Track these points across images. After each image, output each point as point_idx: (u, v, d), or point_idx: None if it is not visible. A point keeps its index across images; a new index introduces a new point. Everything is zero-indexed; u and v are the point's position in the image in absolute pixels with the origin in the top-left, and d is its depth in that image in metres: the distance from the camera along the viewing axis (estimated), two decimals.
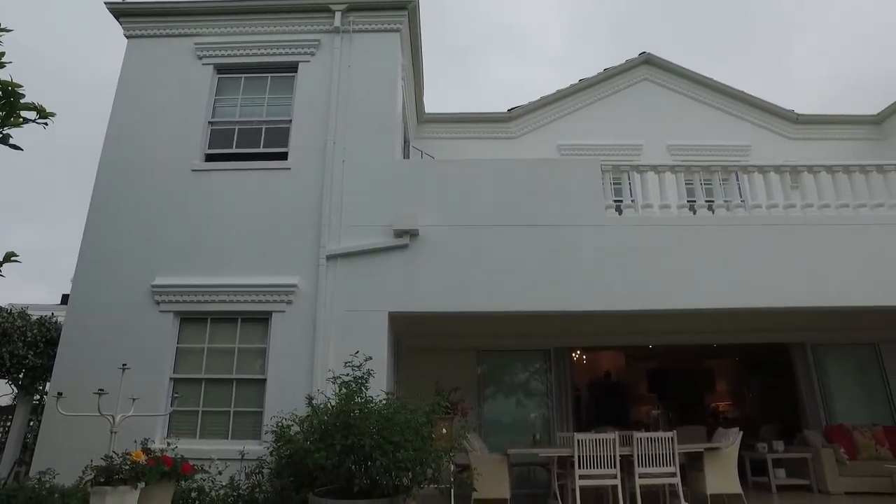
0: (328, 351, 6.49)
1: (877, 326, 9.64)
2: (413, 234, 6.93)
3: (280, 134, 7.68)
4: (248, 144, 7.66)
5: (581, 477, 6.95)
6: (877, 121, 11.64)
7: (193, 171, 7.34)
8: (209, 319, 6.85)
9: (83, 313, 6.76)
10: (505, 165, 7.64)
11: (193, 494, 5.01)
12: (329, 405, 4.54)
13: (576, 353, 13.28)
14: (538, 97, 11.26)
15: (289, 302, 6.78)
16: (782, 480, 8.66)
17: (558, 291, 6.88)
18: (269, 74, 7.97)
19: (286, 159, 7.46)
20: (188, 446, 5.99)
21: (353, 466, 4.26)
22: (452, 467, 6.45)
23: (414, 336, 9.24)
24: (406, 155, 9.84)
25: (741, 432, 7.73)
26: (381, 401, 4.60)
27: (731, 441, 7.51)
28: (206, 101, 7.72)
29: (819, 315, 8.32)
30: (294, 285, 6.80)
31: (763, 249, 7.20)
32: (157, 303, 6.76)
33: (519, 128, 11.18)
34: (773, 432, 10.13)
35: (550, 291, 6.87)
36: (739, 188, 9.33)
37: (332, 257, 6.93)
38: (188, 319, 6.85)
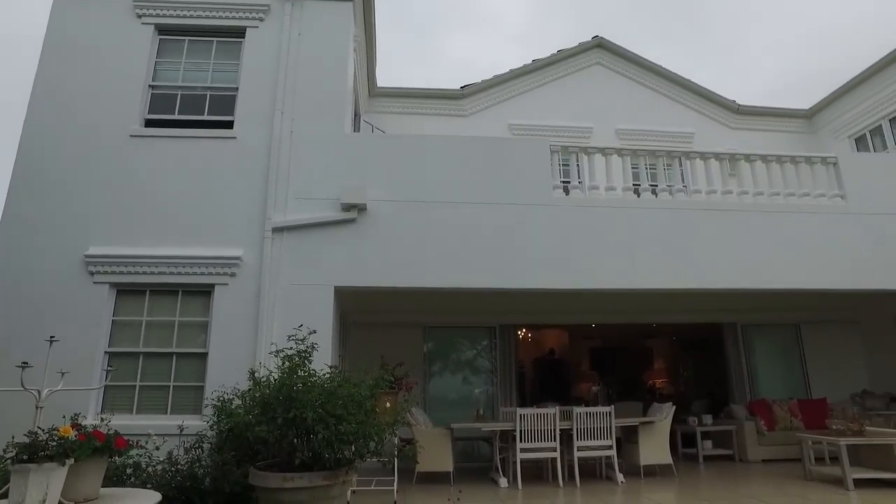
0: (272, 325, 6.39)
1: (799, 308, 10.28)
2: (361, 208, 6.86)
3: (226, 102, 7.40)
4: (191, 111, 7.34)
5: (522, 450, 7.17)
6: (808, 115, 12.25)
7: (132, 136, 6.99)
8: (148, 291, 6.61)
9: (8, 284, 6.40)
10: (456, 142, 7.64)
11: (129, 471, 4.87)
12: (271, 379, 4.48)
13: (521, 331, 13.58)
14: (491, 76, 11.26)
15: (232, 274, 6.62)
16: (709, 451, 9.19)
17: (505, 269, 6.98)
18: (215, 39, 7.63)
19: (232, 128, 7.20)
20: (124, 422, 5.79)
21: (296, 440, 4.24)
22: (397, 441, 6.52)
23: (360, 311, 9.22)
24: (356, 128, 9.69)
25: (674, 407, 8.14)
26: (324, 374, 4.59)
27: (664, 415, 7.89)
28: (147, 64, 7.33)
29: (749, 297, 8.78)
30: (238, 257, 6.63)
31: (702, 234, 7.50)
32: (91, 273, 6.46)
33: (471, 105, 11.17)
34: (704, 407, 10.72)
35: (498, 269, 6.97)
36: (682, 174, 9.65)
37: (277, 230, 6.78)
38: (125, 291, 6.59)
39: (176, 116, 7.26)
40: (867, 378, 10.48)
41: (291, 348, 4.73)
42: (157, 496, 3.81)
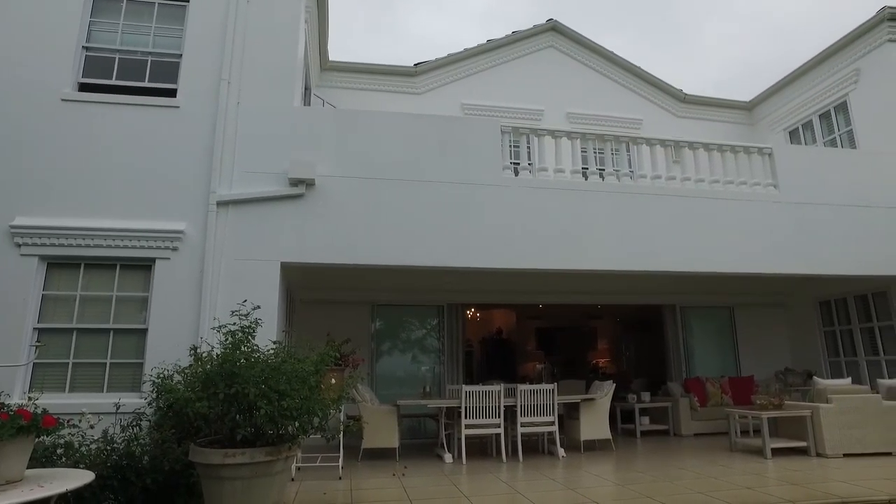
0: (216, 300, 6.23)
1: (733, 291, 10.82)
2: (309, 183, 6.74)
3: (168, 69, 7.07)
4: (131, 77, 6.97)
5: (467, 426, 7.31)
6: (749, 107, 12.76)
7: (64, 100, 6.59)
8: (82, 265, 6.31)
9: None
10: (407, 120, 7.58)
11: (60, 451, 4.69)
12: (213, 355, 4.39)
13: (470, 311, 13.74)
14: (446, 54, 11.19)
15: (174, 248, 6.40)
16: (646, 426, 9.62)
17: (454, 248, 7.03)
18: (157, 1, 7.26)
19: (175, 96, 6.90)
20: (56, 401, 5.57)
21: (238, 416, 4.18)
22: (343, 417, 6.53)
23: (308, 288, 9.12)
24: (307, 102, 9.47)
25: (614, 385, 8.45)
26: (268, 350, 4.53)
27: (604, 393, 8.19)
28: (80, 23, 6.89)
29: (689, 280, 9.15)
30: (181, 231, 6.41)
31: (646, 218, 7.75)
32: (18, 245, 6.11)
33: (424, 83, 11.09)
34: (643, 385, 11.18)
35: (447, 248, 7.01)
36: (629, 159, 9.91)
37: (222, 203, 6.58)
38: (57, 265, 6.27)
39: (114, 82, 6.89)
40: (790, 356, 11.17)
41: (235, 324, 4.64)
42: (90, 475, 3.69)
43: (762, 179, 8.46)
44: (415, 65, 11.02)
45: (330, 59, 10.55)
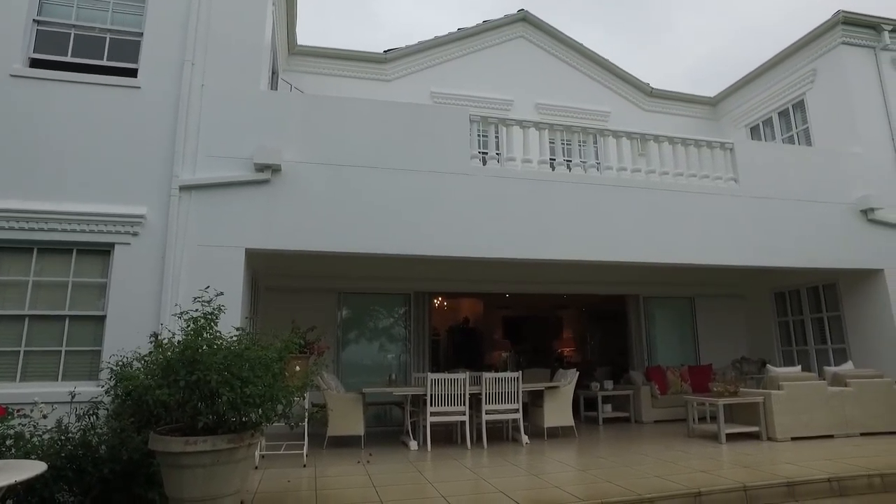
0: (178, 287, 6.11)
1: (694, 282, 11.12)
2: (275, 169, 6.64)
3: (129, 47, 6.83)
4: (87, 54, 6.72)
5: (432, 414, 7.36)
6: (713, 103, 13.04)
7: (13, 76, 6.31)
8: (35, 250, 6.09)
9: None
10: (376, 107, 7.51)
11: (9, 441, 4.52)
12: (174, 341, 4.30)
13: (437, 299, 13.78)
14: (416, 41, 11.11)
15: (135, 234, 6.23)
16: (608, 414, 9.85)
17: (421, 236, 7.04)
18: None
19: (136, 77, 6.68)
20: (6, 390, 5.45)
21: (200, 403, 4.12)
22: (308, 405, 6.50)
23: (273, 275, 9.01)
24: (274, 86, 9.30)
25: (577, 373, 8.61)
26: (231, 337, 4.46)
27: (568, 381, 8.33)
28: None
29: (651, 270, 9.35)
30: (141, 216, 6.24)
31: (612, 209, 7.89)
32: None
33: (394, 71, 10.99)
34: (606, 373, 11.43)
35: (414, 236, 7.01)
36: (597, 151, 10.04)
37: (185, 188, 6.43)
38: (7, 248, 6.03)
39: (69, 59, 6.63)
40: (746, 346, 11.56)
41: (197, 311, 4.55)
42: (41, 466, 3.58)
43: (723, 173, 8.68)
44: (385, 52, 10.92)
45: (298, 43, 10.37)
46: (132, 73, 6.70)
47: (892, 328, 8.98)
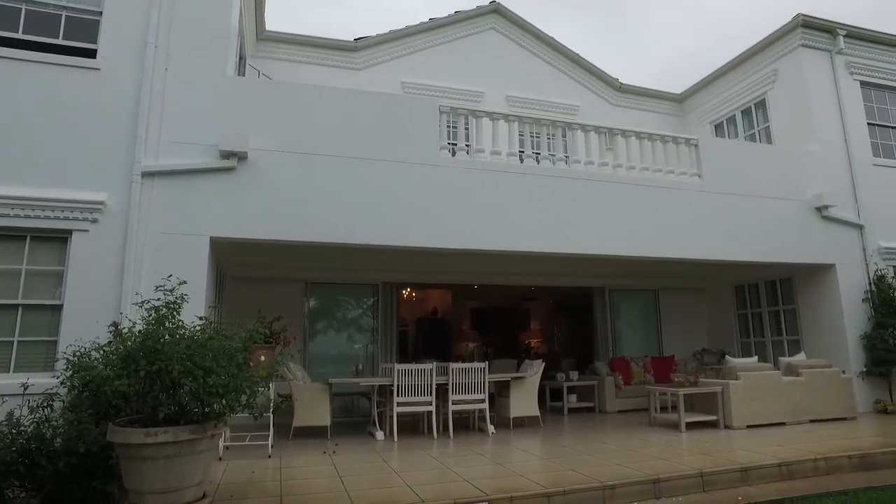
0: (140, 275, 5.97)
1: (658, 275, 11.36)
2: (242, 156, 6.53)
3: (87, 27, 6.59)
4: (42, 32, 6.45)
5: (399, 404, 7.38)
6: (680, 100, 13.29)
7: None
8: None
9: None
10: (346, 95, 7.43)
11: None
12: (135, 331, 4.21)
13: (406, 291, 13.79)
14: (387, 30, 11.01)
15: (94, 220, 6.06)
16: (573, 404, 10.02)
17: (390, 226, 7.02)
18: None
19: (94, 57, 6.47)
20: None
21: (161, 394, 4.05)
22: (274, 395, 6.44)
23: (239, 265, 8.88)
24: (241, 72, 9.11)
25: (543, 364, 8.73)
26: (194, 326, 4.39)
27: (534, 372, 8.44)
28: None
29: (617, 263, 9.52)
30: (101, 202, 6.07)
31: (580, 202, 7.99)
32: None
33: (365, 59, 10.88)
34: (572, 364, 11.61)
35: (382, 226, 6.99)
36: (565, 144, 10.13)
37: (148, 174, 6.28)
38: None
39: (21, 35, 6.36)
40: (707, 337, 11.90)
41: (159, 300, 4.46)
42: None
43: (688, 169, 8.88)
44: (355, 40, 10.79)
45: (267, 28, 10.16)
46: (91, 53, 6.49)
47: (841, 321, 9.37)
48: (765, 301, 10.96)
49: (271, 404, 5.47)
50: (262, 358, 5.54)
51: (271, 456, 6.28)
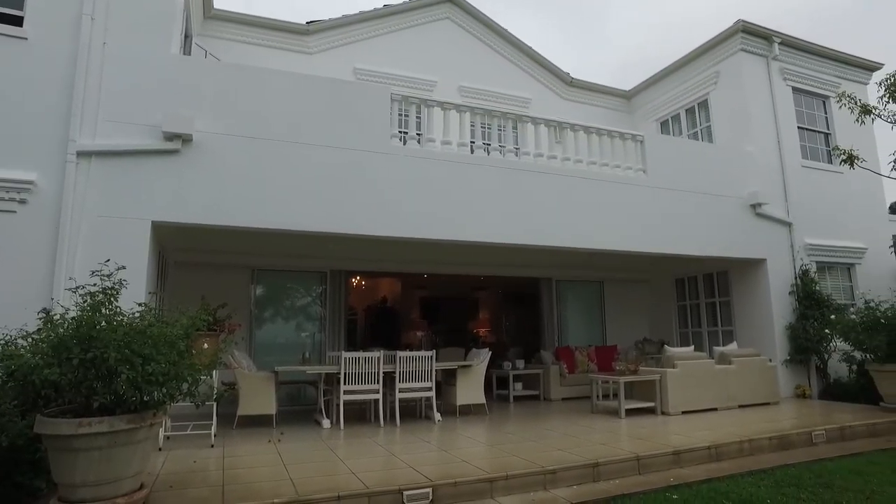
0: (74, 260, 5.73)
1: (604, 267, 11.70)
2: (186, 139, 6.32)
3: None
4: None
5: (346, 392, 7.37)
6: (628, 96, 13.65)
7: None
8: None
9: None
10: (297, 80, 7.28)
11: None
12: (67, 317, 4.03)
13: (355, 279, 13.71)
14: (340, 14, 10.84)
15: (22, 201, 5.76)
16: (519, 392, 10.24)
17: (340, 214, 6.96)
18: None
19: (21, 25, 6.10)
20: None
21: (96, 383, 3.90)
22: (218, 384, 6.31)
23: (183, 250, 8.61)
24: (187, 51, 8.79)
25: (490, 353, 8.87)
26: (133, 313, 4.24)
27: (480, 360, 8.57)
28: None
29: (564, 254, 9.75)
30: (30, 182, 5.77)
31: (528, 193, 8.13)
32: None
33: (317, 43, 10.67)
34: (518, 353, 11.80)
35: (332, 213, 6.93)
36: (516, 136, 10.26)
37: (84, 154, 6.00)
38: None
39: None
40: (649, 327, 12.36)
41: (95, 285, 4.29)
42: None
43: (634, 164, 9.16)
44: (307, 23, 10.56)
45: (214, 6, 9.81)
46: (16, 21, 6.11)
47: (769, 312, 9.93)
48: (702, 293, 11.48)
49: (214, 393, 5.36)
50: (206, 345, 5.41)
51: (214, 445, 6.16)
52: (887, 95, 8.25)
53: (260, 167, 6.69)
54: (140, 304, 4.51)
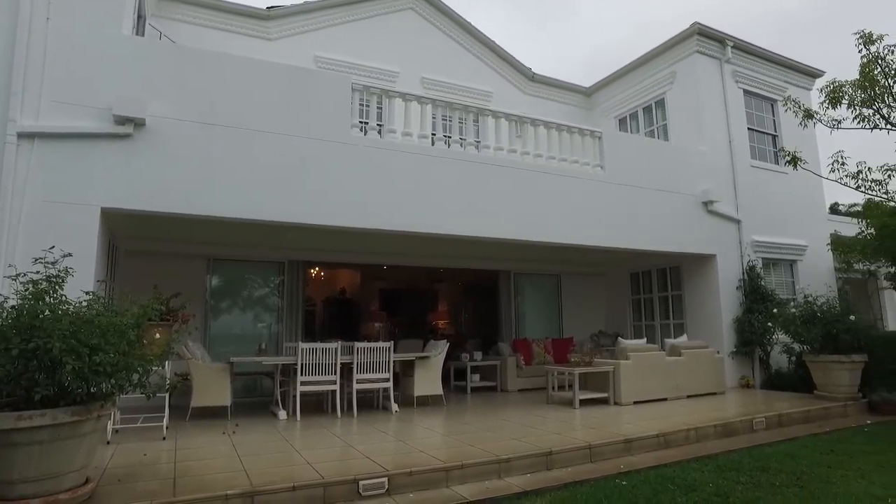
0: (14, 247, 5.48)
1: (561, 260, 11.92)
2: (139, 123, 6.11)
3: None
4: None
5: (303, 383, 7.31)
6: (588, 93, 13.88)
7: None
8: None
9: None
10: (256, 66, 7.13)
11: None
12: (6, 306, 3.86)
13: (314, 270, 13.57)
14: (302, 0, 10.63)
15: None
16: (476, 383, 10.35)
17: (299, 203, 6.87)
18: None
19: None
20: None
21: (38, 374, 3.76)
22: (171, 375, 6.16)
23: (135, 238, 8.33)
24: (140, 32, 8.48)
25: (448, 344, 8.94)
26: (80, 302, 4.10)
27: (438, 351, 8.63)
28: None
29: (523, 248, 9.87)
30: None
31: (489, 186, 8.19)
32: None
33: (277, 29, 10.45)
34: (476, 345, 11.94)
35: (291, 202, 6.83)
36: (477, 129, 10.33)
37: (26, 136, 5.73)
38: None
39: None
40: (604, 320, 12.67)
41: (39, 273, 4.12)
42: None
43: (592, 160, 9.34)
44: (267, 8, 10.33)
45: None
46: None
47: (718, 306, 10.32)
48: (656, 287, 11.83)
49: (167, 384, 5.24)
50: (158, 336, 5.28)
51: (166, 438, 6.03)
52: (827, 102, 8.65)
53: (216, 154, 6.53)
54: (87, 293, 4.36)
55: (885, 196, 8.83)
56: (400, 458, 5.10)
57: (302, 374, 7.27)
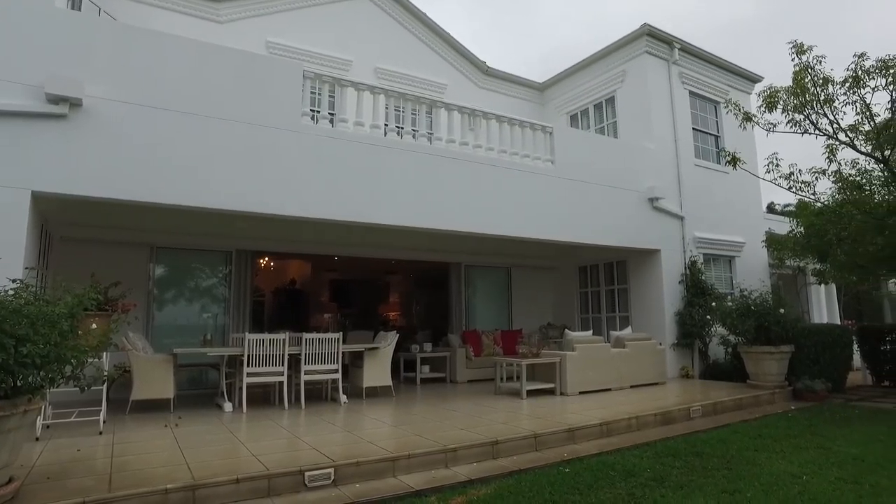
0: None
1: (512, 254, 12.10)
2: (75, 102, 5.82)
3: None
4: None
5: (249, 375, 7.19)
6: (541, 89, 14.07)
7: None
8: None
9: None
10: (204, 49, 6.89)
11: None
12: None
13: (263, 260, 13.31)
14: None
15: None
16: (426, 375, 10.42)
17: (247, 192, 6.72)
18: None
19: None
20: None
21: None
22: (109, 367, 5.94)
23: (71, 224, 7.96)
24: (76, 6, 8.06)
25: (398, 335, 8.96)
26: (7, 290, 3.89)
27: (387, 343, 8.63)
28: None
29: (474, 240, 9.96)
30: None
31: (440, 179, 8.21)
32: None
33: (228, 12, 10.13)
34: (427, 337, 12.02)
35: (239, 191, 6.67)
36: (430, 121, 10.32)
37: None
38: None
39: None
40: (553, 313, 12.95)
41: None
42: None
43: (543, 155, 9.49)
44: None
45: None
46: None
47: (661, 299, 10.71)
48: (603, 281, 12.16)
49: (104, 376, 5.05)
50: (94, 326, 5.07)
51: (103, 432, 5.81)
52: (764, 106, 9.07)
53: (161, 139, 6.30)
54: (14, 281, 4.15)
55: (813, 197, 9.36)
56: (347, 449, 5.10)
57: (248, 366, 7.14)
